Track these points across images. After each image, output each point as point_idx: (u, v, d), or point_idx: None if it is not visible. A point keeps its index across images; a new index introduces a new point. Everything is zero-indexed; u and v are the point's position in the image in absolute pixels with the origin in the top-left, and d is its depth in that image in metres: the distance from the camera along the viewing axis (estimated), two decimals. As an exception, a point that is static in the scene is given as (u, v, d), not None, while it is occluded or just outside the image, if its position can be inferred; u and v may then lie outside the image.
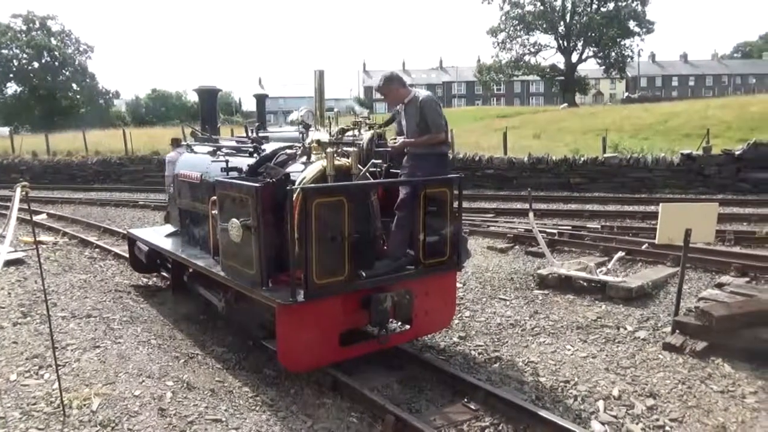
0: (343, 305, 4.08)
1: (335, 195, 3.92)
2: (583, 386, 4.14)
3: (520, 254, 8.11)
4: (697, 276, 6.69)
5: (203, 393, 3.95)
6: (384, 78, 4.55)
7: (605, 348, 4.82)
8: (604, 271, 6.51)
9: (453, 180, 4.47)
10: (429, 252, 4.35)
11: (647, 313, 5.59)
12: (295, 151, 4.88)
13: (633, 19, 49.18)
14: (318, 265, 3.79)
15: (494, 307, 5.95)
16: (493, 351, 4.84)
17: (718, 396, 3.95)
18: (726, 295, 5.25)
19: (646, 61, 74.73)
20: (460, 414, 3.74)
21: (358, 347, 4.29)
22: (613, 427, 3.60)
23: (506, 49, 51.99)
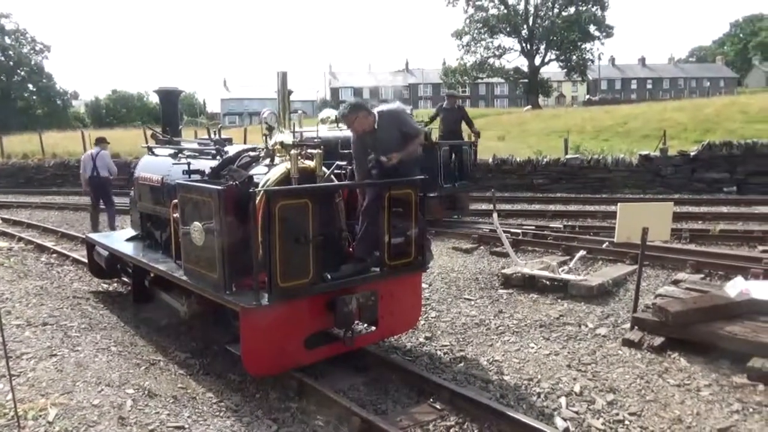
0: (309, 308, 4.06)
1: (299, 197, 3.90)
2: (546, 383, 4.21)
3: (485, 254, 8.21)
4: (655, 273, 6.89)
5: (165, 400, 3.87)
6: (348, 108, 4.37)
7: (567, 345, 4.92)
8: (567, 269, 6.65)
9: (417, 182, 4.50)
10: (394, 253, 4.37)
11: (608, 310, 5.73)
12: (259, 153, 4.84)
13: (593, 23, 50.40)
14: (282, 267, 3.77)
15: (460, 307, 6.01)
16: (459, 351, 4.88)
17: (674, 389, 4.07)
18: (682, 292, 5.41)
19: (606, 64, 76.54)
20: (425, 414, 3.76)
21: (323, 350, 4.28)
22: (575, 422, 3.67)
23: (471, 51, 52.66)
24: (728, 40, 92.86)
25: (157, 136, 6.43)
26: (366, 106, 4.45)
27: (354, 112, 4.37)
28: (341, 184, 4.69)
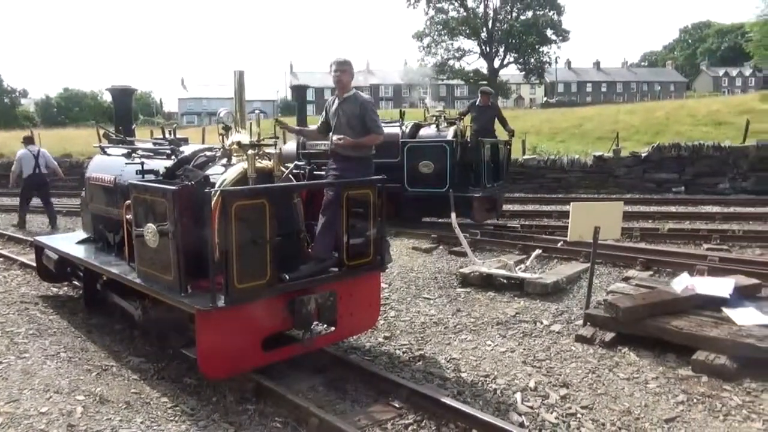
0: (266, 309, 4.02)
1: (256, 197, 3.86)
2: (502, 380, 4.29)
3: (443, 254, 8.30)
4: (607, 271, 7.11)
5: (117, 406, 3.78)
6: (344, 59, 4.64)
7: (523, 342, 5.02)
8: (523, 268, 6.79)
9: (376, 182, 4.53)
10: (353, 253, 4.38)
11: (562, 307, 5.88)
12: (215, 153, 4.78)
13: (550, 27, 51.52)
14: (239, 269, 3.72)
15: (419, 306, 6.06)
16: (417, 349, 4.93)
17: (624, 383, 4.20)
18: (632, 288, 5.60)
19: (562, 67, 78.41)
20: (384, 413, 3.78)
21: (282, 351, 4.25)
22: (530, 417, 3.75)
23: (432, 53, 53.12)
24: (678, 45, 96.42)
25: (110, 135, 6.26)
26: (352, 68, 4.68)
27: (346, 63, 4.62)
28: (299, 184, 4.67)
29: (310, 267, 4.30)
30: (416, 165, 9.66)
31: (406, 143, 9.82)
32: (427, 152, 9.66)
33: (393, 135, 9.91)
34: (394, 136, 9.88)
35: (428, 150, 9.68)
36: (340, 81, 4.63)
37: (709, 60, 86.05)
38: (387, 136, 9.98)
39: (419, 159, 9.66)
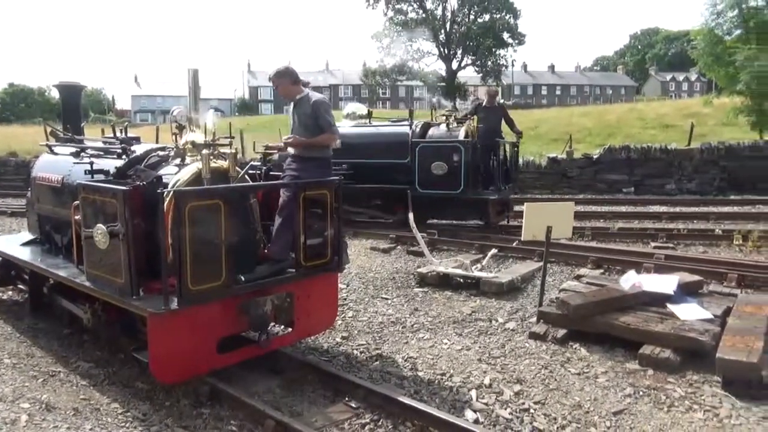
0: (221, 311, 3.97)
1: (211, 198, 3.81)
2: (458, 377, 4.36)
3: (402, 254, 8.36)
4: (560, 269, 7.30)
5: (65, 413, 3.66)
6: (276, 71, 4.60)
7: (479, 340, 5.11)
8: (479, 267, 6.90)
9: (333, 183, 4.52)
10: (310, 254, 4.36)
11: (516, 305, 6.00)
12: (168, 153, 4.69)
13: (507, 30, 52.47)
14: (193, 270, 3.66)
15: (376, 306, 6.09)
16: (375, 349, 4.95)
17: (575, 378, 4.33)
18: (583, 286, 5.77)
19: (518, 70, 79.90)
20: (341, 413, 3.79)
21: (238, 353, 4.20)
22: (485, 413, 3.82)
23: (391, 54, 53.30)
24: (628, 51, 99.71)
25: (58, 133, 6.04)
26: (292, 74, 4.60)
27: (278, 77, 4.56)
28: (255, 184, 4.62)
29: (266, 268, 4.27)
30: (428, 166, 9.33)
31: (418, 143, 9.51)
32: (440, 153, 9.33)
33: (402, 135, 9.80)
34: (403, 136, 9.74)
35: (442, 150, 9.35)
36: (282, 95, 4.68)
37: (657, 65, 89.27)
38: (395, 135, 9.90)
39: (432, 160, 9.32)
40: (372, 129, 10.54)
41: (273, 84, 4.64)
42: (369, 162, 9.80)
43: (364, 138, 10.14)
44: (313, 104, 4.52)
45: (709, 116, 21.22)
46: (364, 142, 10.02)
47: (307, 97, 4.59)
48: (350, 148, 9.64)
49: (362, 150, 9.79)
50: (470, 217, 9.91)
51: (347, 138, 9.74)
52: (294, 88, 4.59)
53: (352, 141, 9.83)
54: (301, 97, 4.59)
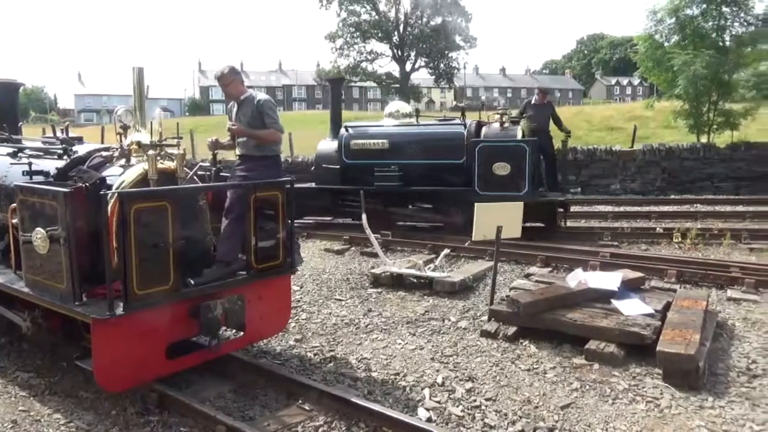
0: (170, 316, 3.87)
1: (158, 199, 3.71)
2: (412, 377, 4.39)
3: (356, 255, 8.37)
4: (511, 268, 7.46)
5: (2, 426, 3.50)
6: (231, 68, 4.59)
7: (432, 339, 5.17)
8: (432, 267, 6.97)
9: (284, 183, 4.48)
10: (261, 256, 4.31)
11: (468, 304, 6.10)
12: (112, 154, 4.54)
13: (458, 33, 53.28)
14: (139, 274, 3.56)
15: (330, 307, 6.07)
16: (329, 351, 4.94)
17: (525, 374, 4.43)
18: (532, 284, 5.91)
19: (471, 73, 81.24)
20: (294, 416, 3.76)
21: (188, 358, 4.10)
22: (437, 411, 3.86)
23: (344, 55, 53.26)
24: (575, 55, 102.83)
25: (-7, 133, 5.77)
26: (239, 74, 4.66)
27: (231, 75, 4.56)
28: (204, 185, 4.53)
29: (216, 271, 4.19)
30: (489, 166, 8.83)
31: (478, 143, 9.03)
32: (503, 153, 8.87)
33: (456, 134, 9.39)
34: (457, 136, 9.36)
35: (505, 150, 8.91)
36: (229, 93, 4.63)
37: (602, 69, 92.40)
38: (449, 135, 9.52)
39: (493, 160, 8.82)
40: (422, 128, 10.05)
41: (224, 81, 4.58)
42: (419, 163, 9.38)
43: (413, 138, 9.75)
44: (258, 104, 4.49)
45: (651, 119, 22.08)
46: (414, 142, 9.64)
47: (251, 97, 4.56)
48: (398, 148, 9.55)
49: (411, 151, 9.46)
50: (534, 219, 9.40)
51: (394, 138, 9.69)
52: (241, 88, 4.60)
53: (400, 141, 9.62)
54: (245, 97, 4.57)
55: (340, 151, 9.94)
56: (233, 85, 4.57)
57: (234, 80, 4.56)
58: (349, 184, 9.77)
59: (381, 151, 9.57)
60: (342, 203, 9.91)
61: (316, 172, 10.41)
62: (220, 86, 4.64)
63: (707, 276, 6.63)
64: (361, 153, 9.71)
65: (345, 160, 9.91)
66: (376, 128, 10.20)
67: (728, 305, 5.88)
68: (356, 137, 9.89)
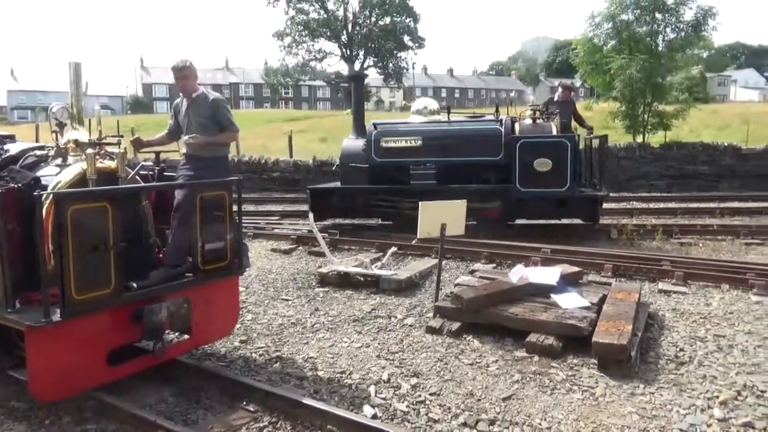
0: (111, 321, 3.74)
1: (97, 200, 3.58)
2: (357, 374, 4.43)
3: (303, 255, 8.34)
4: (456, 265, 7.62)
5: (-74, 440, 3.33)
6: (187, 63, 4.50)
7: (378, 337, 5.22)
8: (379, 266, 7.04)
9: (231, 183, 4.41)
10: (208, 258, 4.23)
11: (414, 301, 6.19)
12: (48, 153, 4.38)
13: (407, 34, 53.74)
14: (78, 279, 3.42)
15: (276, 308, 6.04)
16: (275, 351, 4.91)
17: (468, 368, 4.54)
18: (476, 280, 6.06)
19: (419, 73, 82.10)
20: (238, 418, 3.73)
21: (130, 365, 3.97)
22: (383, 408, 3.91)
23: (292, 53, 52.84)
24: (520, 57, 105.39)
25: None
26: (193, 70, 4.55)
27: (192, 68, 4.51)
28: (147, 185, 4.42)
29: (160, 273, 4.09)
30: (531, 163, 8.79)
31: (518, 139, 8.97)
32: (544, 149, 8.85)
33: (494, 131, 9.21)
34: (495, 132, 9.18)
35: (546, 147, 8.89)
36: (185, 87, 4.52)
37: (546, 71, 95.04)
38: (486, 132, 9.28)
39: (534, 156, 8.78)
40: (457, 125, 9.88)
41: (184, 73, 4.47)
42: (455, 161, 9.23)
43: (448, 135, 9.57)
44: (211, 103, 4.42)
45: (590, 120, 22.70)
46: (449, 139, 9.47)
47: (204, 95, 4.48)
48: (432, 146, 9.32)
49: (446, 148, 9.28)
50: (575, 215, 9.50)
51: (428, 135, 9.45)
52: (197, 85, 4.51)
53: (434, 138, 9.41)
54: (197, 95, 4.48)
55: (368, 149, 9.54)
56: (191, 79, 4.48)
57: (192, 75, 4.49)
58: (380, 183, 9.54)
59: (415, 149, 9.35)
60: (373, 204, 9.59)
61: (342, 172, 10.00)
62: (176, 78, 4.51)
63: (640, 269, 6.96)
64: (393, 151, 9.42)
65: (375, 159, 9.53)
66: (407, 126, 9.88)
67: (659, 297, 6.19)
68: (387, 135, 9.55)
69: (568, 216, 9.68)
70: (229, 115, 4.48)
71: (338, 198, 9.83)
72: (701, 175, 16.34)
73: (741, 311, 5.63)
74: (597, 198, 9.32)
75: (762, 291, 6.11)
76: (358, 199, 9.76)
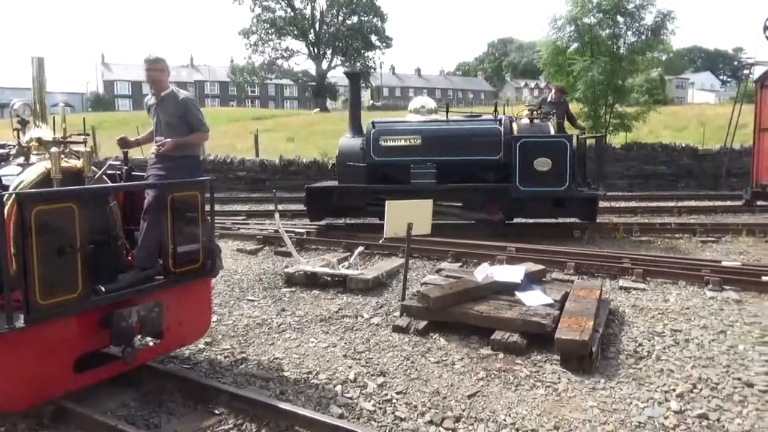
0: (78, 326, 3.60)
1: (62, 201, 3.45)
2: (324, 374, 4.42)
3: (269, 255, 8.27)
4: (423, 264, 7.66)
5: None
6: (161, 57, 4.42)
7: (345, 336, 5.22)
8: (346, 265, 7.03)
9: (204, 183, 4.29)
10: (180, 260, 4.10)
11: (381, 300, 6.21)
12: (8, 151, 4.23)
13: (374, 33, 53.80)
14: (43, 283, 3.29)
15: (242, 308, 5.98)
16: (240, 353, 4.86)
17: (434, 366, 4.58)
18: (442, 279, 6.11)
19: (387, 72, 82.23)
20: (203, 421, 3.68)
21: (99, 371, 3.82)
22: (349, 407, 3.91)
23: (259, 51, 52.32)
24: (486, 58, 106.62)
25: None
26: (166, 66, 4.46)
27: (157, 60, 4.41)
28: (115, 186, 4.30)
29: (130, 276, 3.97)
30: (531, 162, 8.83)
31: (518, 138, 8.99)
32: (544, 149, 8.91)
33: (493, 130, 9.22)
34: (494, 132, 9.19)
35: (546, 146, 8.95)
36: (153, 80, 4.40)
37: (512, 72, 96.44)
38: (486, 131, 9.28)
39: (535, 156, 8.83)
40: (456, 125, 9.85)
41: (151, 66, 4.36)
42: (454, 160, 9.23)
43: (447, 134, 9.54)
44: (180, 102, 4.32)
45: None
46: (448, 138, 9.43)
47: (173, 94, 4.37)
48: (432, 145, 9.28)
49: (446, 147, 9.25)
50: (573, 215, 9.60)
51: (428, 134, 9.40)
52: (167, 83, 4.41)
53: (434, 137, 9.36)
54: (166, 93, 4.37)
55: (366, 148, 9.45)
56: (163, 74, 4.38)
57: (165, 69, 4.40)
58: (378, 182, 9.48)
59: (415, 148, 9.33)
60: (372, 203, 9.44)
61: (340, 171, 9.89)
62: (148, 70, 4.39)
63: (602, 267, 7.13)
64: (393, 150, 9.38)
65: (374, 158, 9.46)
66: (407, 125, 9.81)
67: (620, 294, 6.35)
68: (386, 134, 9.48)
69: (567, 215, 9.84)
70: (200, 115, 4.39)
71: (336, 197, 9.76)
72: (661, 175, 16.84)
73: (696, 306, 5.83)
74: (595, 197, 9.49)
75: (716, 287, 6.33)
76: (357, 199, 9.73)
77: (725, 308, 5.76)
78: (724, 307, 5.79)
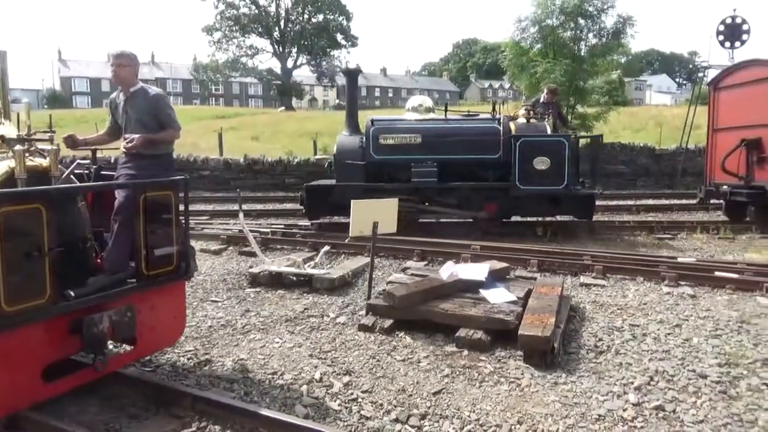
0: (47, 333, 3.44)
1: (28, 201, 3.31)
2: (289, 375, 4.39)
3: (234, 255, 8.17)
4: (389, 263, 7.69)
5: None
6: (131, 52, 4.27)
7: (310, 336, 5.19)
8: (312, 265, 6.99)
9: (178, 182, 4.12)
10: (153, 262, 3.97)
11: (347, 299, 6.21)
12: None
13: (340, 32, 53.66)
14: (8, 288, 3.13)
15: (206, 310, 5.89)
16: (204, 354, 4.79)
17: (400, 364, 4.60)
18: (408, 278, 6.14)
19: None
20: (165, 424, 3.61)
21: (69, 380, 3.65)
22: (315, 407, 3.90)
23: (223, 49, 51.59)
24: (451, 58, 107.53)
25: None
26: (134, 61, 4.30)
27: (135, 58, 4.30)
28: (84, 185, 4.15)
29: (101, 280, 3.81)
30: (530, 161, 9.00)
31: (518, 138, 9.11)
32: (543, 148, 9.08)
33: (492, 129, 9.29)
34: (493, 131, 9.25)
35: (545, 146, 9.12)
36: (119, 76, 4.24)
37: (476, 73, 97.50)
38: (485, 130, 9.33)
39: (534, 155, 9.00)
40: (456, 123, 9.89)
41: (119, 63, 4.19)
42: (454, 158, 9.30)
43: (447, 133, 9.57)
44: (151, 99, 4.18)
45: (518, 120, 23.67)
46: (448, 137, 9.47)
47: (143, 90, 4.23)
48: (432, 143, 9.27)
49: (446, 146, 9.25)
50: (570, 213, 9.73)
51: (428, 133, 9.37)
52: (136, 79, 4.27)
53: (434, 136, 9.32)
54: (135, 90, 4.22)
55: (366, 146, 9.44)
56: (131, 69, 4.23)
57: (131, 64, 4.23)
58: (377, 180, 9.44)
59: (415, 147, 9.37)
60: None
61: (338, 169, 9.80)
62: (113, 65, 4.23)
63: (563, 264, 7.28)
64: (393, 149, 9.35)
65: (373, 156, 9.46)
66: (407, 123, 9.79)
67: (581, 290, 6.50)
68: (386, 132, 9.47)
69: (564, 213, 10.02)
70: (171, 112, 4.25)
71: (335, 196, 9.67)
72: (620, 174, 17.28)
73: (653, 302, 6.01)
74: (593, 196, 9.69)
75: (672, 283, 6.55)
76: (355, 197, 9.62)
77: (681, 303, 5.96)
78: (679, 302, 5.99)
